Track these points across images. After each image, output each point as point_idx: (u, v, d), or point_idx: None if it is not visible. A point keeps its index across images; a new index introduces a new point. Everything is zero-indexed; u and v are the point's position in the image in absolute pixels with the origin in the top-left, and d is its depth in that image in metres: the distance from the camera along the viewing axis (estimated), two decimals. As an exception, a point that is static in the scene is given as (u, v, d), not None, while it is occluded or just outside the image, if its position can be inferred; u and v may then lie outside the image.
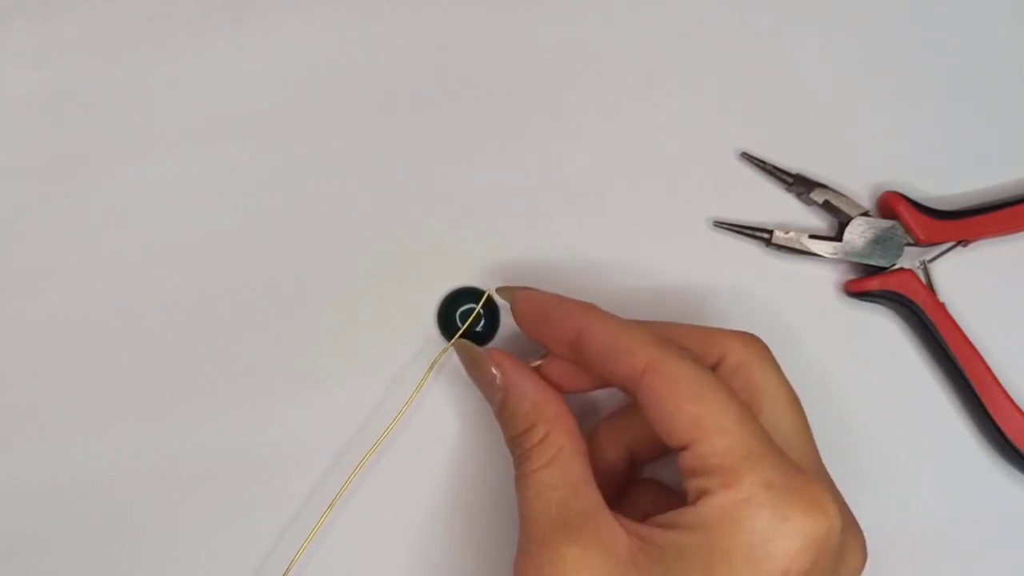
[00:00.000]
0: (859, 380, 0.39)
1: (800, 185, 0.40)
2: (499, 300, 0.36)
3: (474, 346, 0.34)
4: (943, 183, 0.41)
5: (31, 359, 0.38)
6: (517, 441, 0.31)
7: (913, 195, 0.39)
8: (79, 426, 0.38)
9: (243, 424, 0.38)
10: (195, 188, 0.39)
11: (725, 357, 0.31)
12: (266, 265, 0.39)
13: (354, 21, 0.41)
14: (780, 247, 0.39)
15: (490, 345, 0.38)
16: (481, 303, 0.38)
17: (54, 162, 0.39)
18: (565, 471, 0.30)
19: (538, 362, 0.33)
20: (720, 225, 0.40)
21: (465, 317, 0.38)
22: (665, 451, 0.32)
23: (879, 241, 0.39)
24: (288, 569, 0.36)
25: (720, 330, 0.32)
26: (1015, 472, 0.39)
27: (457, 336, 0.37)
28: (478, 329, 0.38)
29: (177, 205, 0.39)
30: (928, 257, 0.40)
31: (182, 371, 0.38)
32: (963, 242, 0.40)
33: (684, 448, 0.28)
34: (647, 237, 0.40)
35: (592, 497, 0.29)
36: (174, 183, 0.39)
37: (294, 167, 0.40)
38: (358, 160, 0.40)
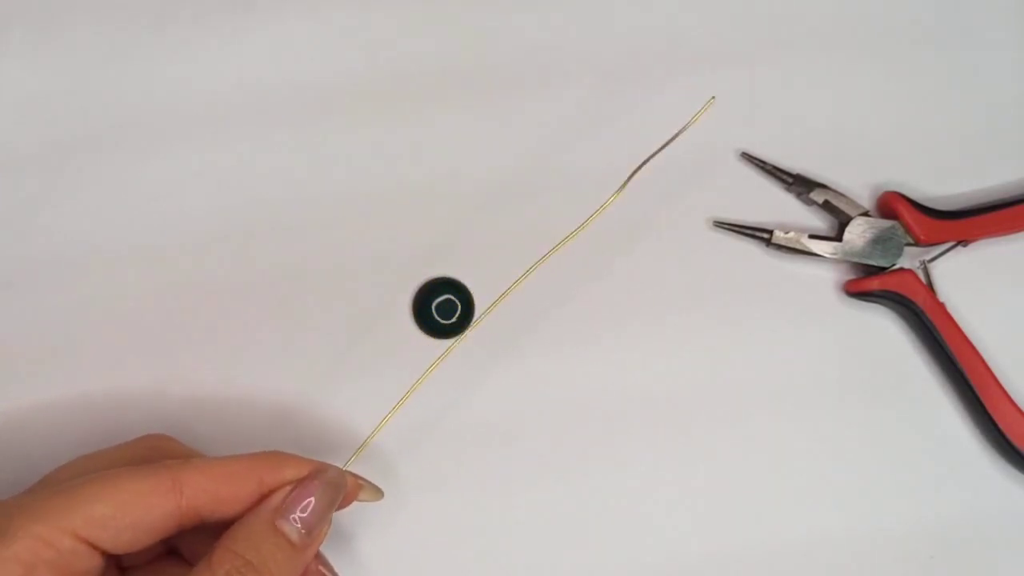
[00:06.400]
0: (859, 380, 0.39)
1: (800, 185, 0.40)
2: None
3: None
4: (943, 183, 0.41)
5: (29, 358, 0.38)
6: None
7: (913, 195, 0.39)
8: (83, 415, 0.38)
9: (243, 421, 0.38)
10: (191, 186, 0.39)
11: None
12: (263, 258, 0.39)
13: (352, 16, 0.41)
14: (780, 247, 0.39)
15: (465, 335, 0.38)
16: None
17: (54, 160, 0.39)
18: None
19: None
20: (720, 225, 0.40)
21: (442, 308, 0.38)
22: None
23: (879, 241, 0.39)
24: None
25: None
26: (1015, 472, 0.39)
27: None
28: (453, 320, 0.38)
29: (173, 204, 0.39)
30: (928, 257, 0.40)
31: (177, 370, 0.38)
32: (963, 242, 0.40)
33: None
34: (647, 237, 0.40)
35: None
36: (170, 182, 0.39)
37: (285, 163, 0.40)
38: (343, 152, 0.40)
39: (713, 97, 0.34)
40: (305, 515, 0.29)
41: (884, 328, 0.40)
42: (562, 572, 0.38)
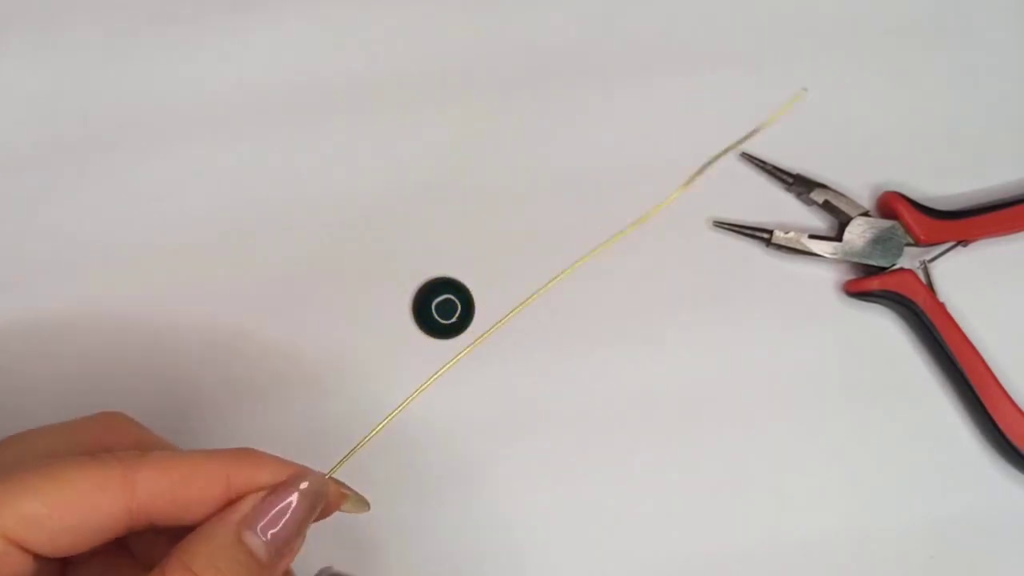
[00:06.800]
0: (859, 380, 0.39)
1: (800, 185, 0.40)
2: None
3: None
4: (943, 183, 0.41)
5: (29, 358, 0.38)
6: None
7: (913, 195, 0.39)
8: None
9: (242, 421, 0.38)
10: (191, 186, 0.39)
11: None
12: (263, 258, 0.39)
13: (352, 16, 0.41)
14: (780, 247, 0.39)
15: (464, 335, 0.39)
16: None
17: (54, 160, 0.39)
18: None
19: None
20: (720, 225, 0.40)
21: (441, 308, 0.38)
22: None
23: (879, 241, 0.39)
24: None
25: None
26: (1015, 472, 0.39)
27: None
28: (453, 320, 0.38)
29: (173, 204, 0.39)
30: (928, 257, 0.40)
31: (176, 370, 0.38)
32: (963, 242, 0.40)
33: None
34: (647, 237, 0.40)
35: None
36: (170, 182, 0.39)
37: (285, 163, 0.40)
38: (343, 152, 0.40)
39: (805, 89, 0.34)
40: (276, 528, 0.25)
41: (884, 328, 0.40)
42: (562, 572, 0.38)
